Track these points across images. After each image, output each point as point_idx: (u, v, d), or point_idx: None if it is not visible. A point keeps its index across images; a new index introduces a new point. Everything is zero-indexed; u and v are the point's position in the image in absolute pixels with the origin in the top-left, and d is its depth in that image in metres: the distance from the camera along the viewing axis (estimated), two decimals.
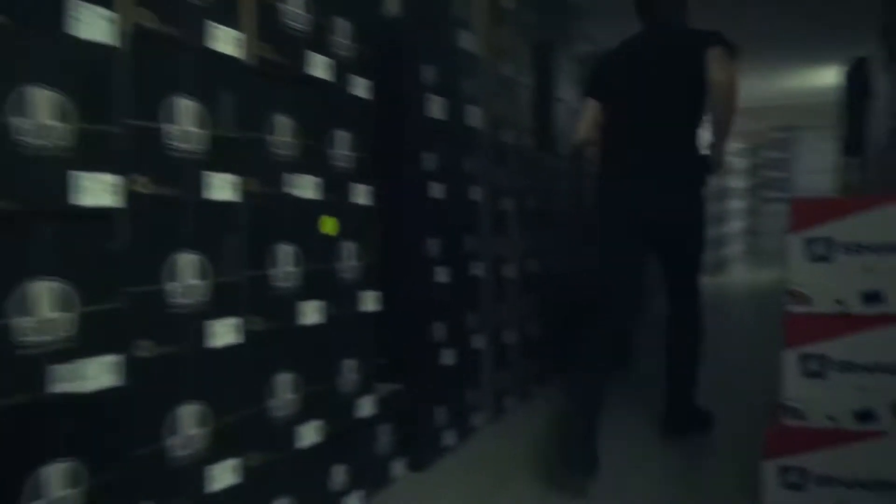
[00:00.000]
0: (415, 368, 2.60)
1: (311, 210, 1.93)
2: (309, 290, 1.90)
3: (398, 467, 2.51)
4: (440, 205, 2.72)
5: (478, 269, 3.03)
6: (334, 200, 2.02)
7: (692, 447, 2.96)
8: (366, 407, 2.22)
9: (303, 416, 1.90)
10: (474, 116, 2.99)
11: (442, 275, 2.72)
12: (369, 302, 2.20)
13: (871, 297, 2.08)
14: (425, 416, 2.64)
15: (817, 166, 12.25)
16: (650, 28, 2.74)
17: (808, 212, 2.15)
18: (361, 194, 2.16)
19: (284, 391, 1.83)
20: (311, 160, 1.92)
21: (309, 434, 1.93)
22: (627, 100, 2.68)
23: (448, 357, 2.76)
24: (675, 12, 2.74)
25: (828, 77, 9.74)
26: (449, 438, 2.79)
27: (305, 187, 1.88)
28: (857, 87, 6.73)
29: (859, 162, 6.51)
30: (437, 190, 2.70)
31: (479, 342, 3.04)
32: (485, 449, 2.89)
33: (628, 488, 2.54)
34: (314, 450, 1.95)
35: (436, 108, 2.69)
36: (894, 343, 2.06)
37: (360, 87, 2.15)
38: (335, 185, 2.02)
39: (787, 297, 2.18)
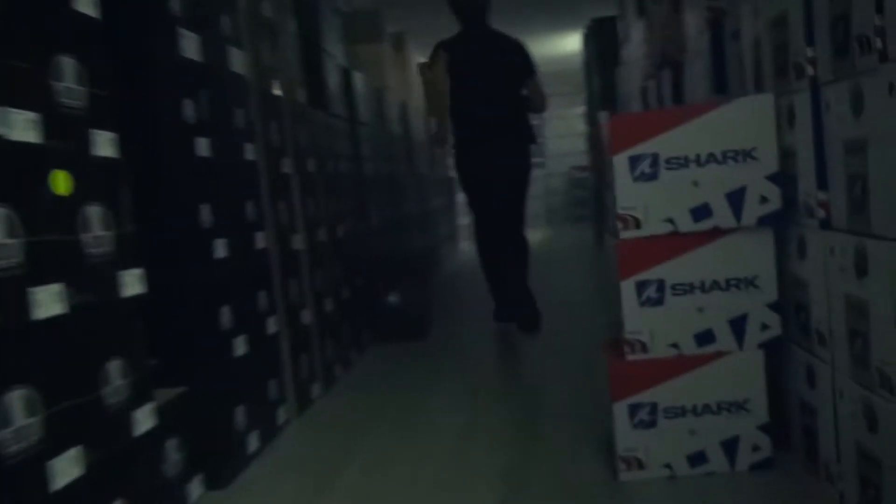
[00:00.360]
0: (201, 364, 2.11)
1: (31, 159, 1.39)
2: (40, 270, 1.37)
3: (195, 488, 2.01)
4: (209, 164, 2.24)
5: (263, 241, 2.58)
6: (65, 148, 1.49)
7: (534, 402, 2.76)
8: (143, 420, 1.71)
9: (52, 445, 1.37)
10: (237, 61, 2.52)
11: (221, 248, 2.24)
12: (131, 284, 1.69)
13: (700, 213, 1.96)
14: (221, 421, 2.16)
15: (565, 131, 13.00)
16: (474, 28, 3.65)
17: (631, 129, 1.98)
18: (104, 143, 1.64)
19: (19, 414, 1.29)
20: (23, 90, 1.38)
21: (65, 468, 1.40)
22: (469, 84, 3.53)
23: (240, 346, 2.30)
24: (484, 16, 3.69)
25: (569, 44, 10.17)
26: (252, 443, 2.33)
27: (17, 127, 1.34)
28: (600, 46, 7.06)
29: (610, 113, 6.82)
30: (203, 146, 2.21)
31: (273, 325, 2.59)
32: (295, 449, 2.47)
33: (470, 450, 2.27)
34: (76, 486, 1.42)
35: (190, 46, 2.20)
36: (724, 258, 1.96)
37: (83, 1, 1.62)
38: (64, 127, 1.49)
39: (616, 223, 2.00)
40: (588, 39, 7.85)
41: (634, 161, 1.96)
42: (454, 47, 3.56)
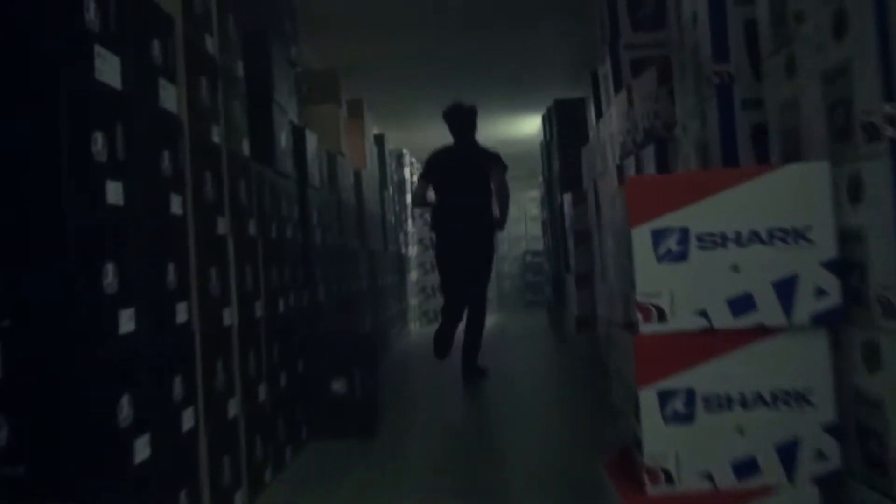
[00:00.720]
0: (86, 474, 1.58)
1: None
2: None
3: None
4: (122, 214, 1.77)
5: (185, 314, 2.09)
6: None
7: None
8: None
9: None
10: (169, 95, 2.09)
11: (127, 321, 1.75)
12: None
13: (741, 305, 1.57)
14: None
15: (518, 215, 12.80)
16: (460, 142, 4.91)
17: (654, 196, 1.60)
18: None
19: None
20: None
21: None
22: (450, 186, 4.81)
23: (142, 449, 1.78)
24: (472, 131, 4.92)
25: (525, 127, 10.03)
26: None
27: None
28: (562, 126, 6.86)
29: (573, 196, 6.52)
30: (115, 192, 1.75)
31: (190, 420, 2.08)
32: None
33: None
34: None
35: (108, 69, 1.76)
36: (770, 364, 1.56)
37: None
38: None
39: (634, 313, 1.60)
40: (549, 120, 7.66)
41: (659, 236, 1.58)
42: (442, 157, 4.91)
